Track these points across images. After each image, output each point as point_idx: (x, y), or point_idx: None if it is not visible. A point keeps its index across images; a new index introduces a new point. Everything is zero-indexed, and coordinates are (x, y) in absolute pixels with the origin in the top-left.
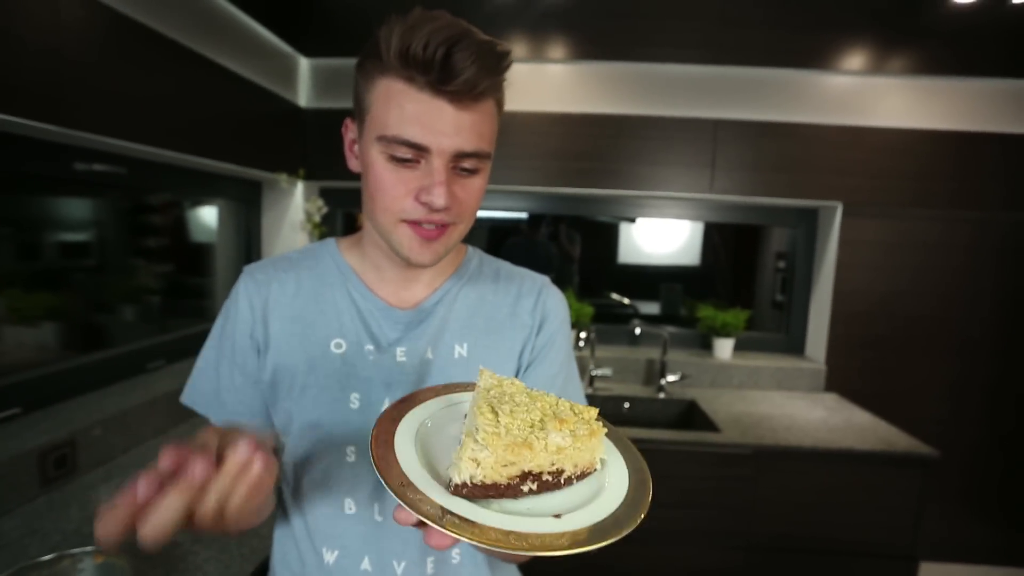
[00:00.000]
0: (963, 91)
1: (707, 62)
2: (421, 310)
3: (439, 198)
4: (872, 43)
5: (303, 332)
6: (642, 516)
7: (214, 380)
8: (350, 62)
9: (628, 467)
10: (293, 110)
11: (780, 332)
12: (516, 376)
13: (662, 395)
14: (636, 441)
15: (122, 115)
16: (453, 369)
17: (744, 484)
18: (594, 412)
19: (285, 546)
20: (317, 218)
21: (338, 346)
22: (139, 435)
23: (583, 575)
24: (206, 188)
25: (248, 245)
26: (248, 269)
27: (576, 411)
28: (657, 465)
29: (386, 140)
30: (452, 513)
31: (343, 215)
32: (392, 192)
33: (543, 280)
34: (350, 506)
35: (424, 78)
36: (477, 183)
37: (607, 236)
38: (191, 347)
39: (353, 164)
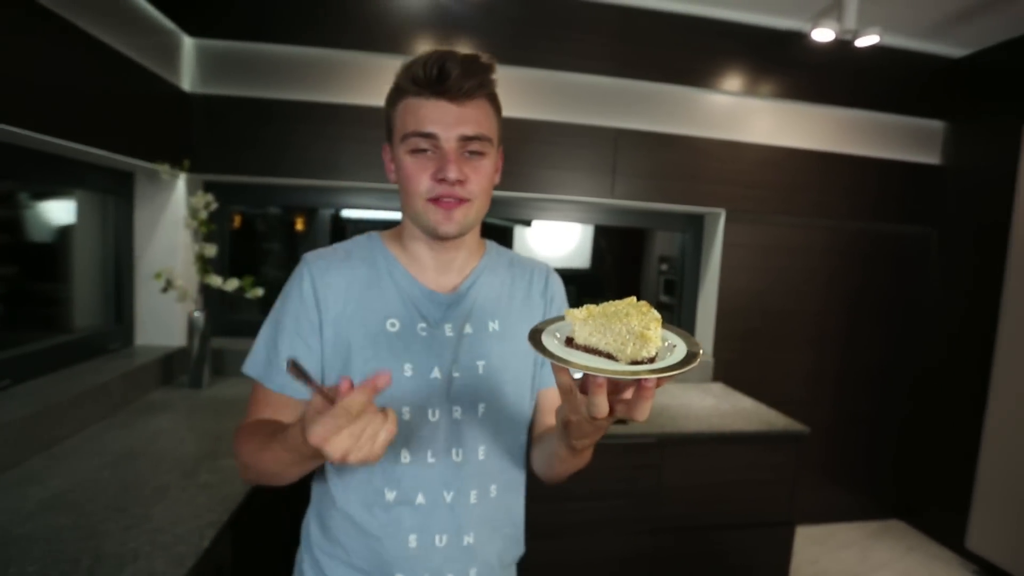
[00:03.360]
0: (819, 116)
1: (610, 74)
2: (458, 293)
3: (452, 172)
4: (746, 69)
5: (362, 314)
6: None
7: (271, 352)
8: (242, 46)
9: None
10: (175, 94)
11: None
12: None
13: None
14: None
15: None
16: (489, 340)
17: (650, 471)
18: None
19: (340, 493)
20: (204, 215)
21: (392, 325)
22: None
23: None
24: (60, 176)
25: (117, 244)
26: (309, 257)
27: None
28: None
29: (407, 137)
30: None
31: (231, 212)
32: (416, 177)
33: (547, 267)
34: (405, 456)
35: (429, 90)
36: (485, 164)
37: (500, 239)
38: (47, 364)
39: (392, 177)
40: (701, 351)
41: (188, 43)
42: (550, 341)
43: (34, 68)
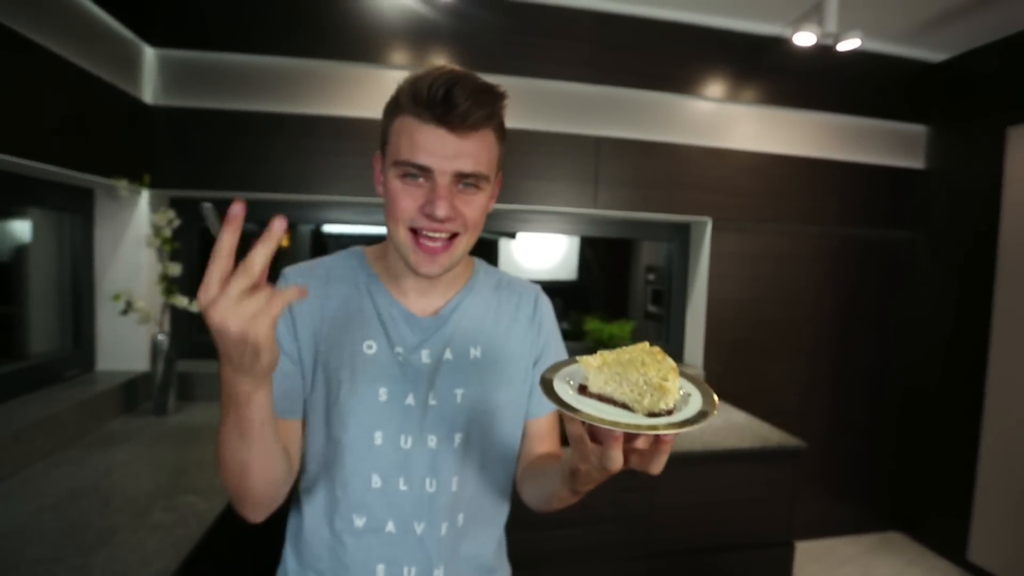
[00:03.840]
0: (803, 122)
1: (589, 81)
2: (440, 317)
3: (440, 210)
4: (728, 75)
5: (340, 334)
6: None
7: None
8: (209, 56)
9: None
10: (136, 107)
11: (660, 341)
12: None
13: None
14: None
15: None
16: (470, 367)
17: (641, 493)
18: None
19: (312, 518)
20: (168, 232)
21: (369, 347)
22: None
23: None
24: (13, 195)
25: (75, 264)
26: (288, 273)
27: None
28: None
29: (400, 164)
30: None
31: (199, 230)
32: (402, 204)
33: (536, 290)
34: (376, 480)
35: (430, 113)
36: (479, 198)
37: (486, 253)
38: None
39: (379, 190)
40: (717, 401)
41: (150, 53)
42: (563, 389)
43: None
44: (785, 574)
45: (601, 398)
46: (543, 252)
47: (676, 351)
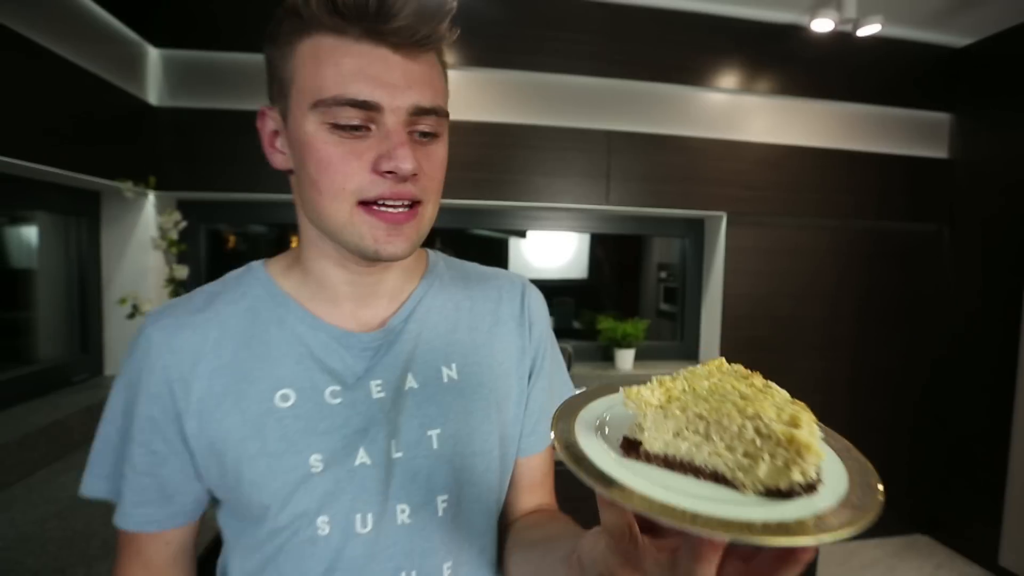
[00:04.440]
0: (820, 112)
1: (599, 74)
2: (390, 330)
3: (405, 160)
4: (742, 65)
5: (237, 389)
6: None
7: (117, 464)
8: (214, 56)
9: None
10: (141, 108)
11: (674, 340)
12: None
13: None
14: None
15: None
16: (444, 396)
17: None
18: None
19: None
20: (174, 234)
21: (285, 398)
22: None
23: None
24: (19, 199)
25: (82, 268)
26: (153, 316)
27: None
28: (565, 486)
29: (325, 105)
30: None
31: (206, 231)
32: (343, 168)
33: (523, 280)
34: None
35: (358, 26)
36: (441, 151)
37: (496, 252)
38: (2, 399)
39: (278, 160)
40: (872, 471)
41: (154, 54)
42: (596, 448)
43: None
44: None
45: (671, 463)
46: (553, 251)
47: (691, 349)
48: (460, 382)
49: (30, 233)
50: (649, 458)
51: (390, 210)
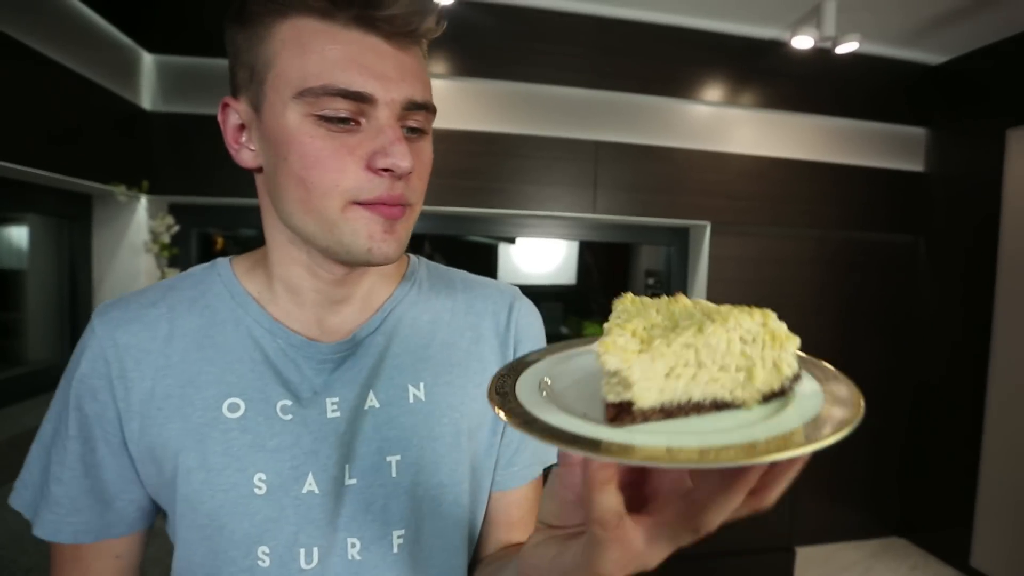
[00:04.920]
0: (803, 125)
1: (588, 86)
2: (354, 341)
3: (403, 158)
4: (727, 78)
5: (182, 392)
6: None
7: (46, 470)
8: (208, 62)
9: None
10: (134, 112)
11: None
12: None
13: None
14: None
15: None
16: (408, 419)
17: None
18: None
19: None
20: (166, 238)
21: (233, 408)
22: None
23: None
24: (11, 202)
25: (73, 271)
26: (101, 308)
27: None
28: None
29: (312, 95)
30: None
31: (198, 235)
32: (335, 164)
33: (512, 292)
34: None
35: (347, 12)
36: (428, 149)
37: (485, 257)
38: None
39: (246, 157)
40: (856, 391)
41: (148, 59)
42: (561, 418)
43: None
44: None
45: (669, 411)
46: (542, 257)
47: None
48: (428, 404)
49: (20, 234)
50: (646, 416)
51: (386, 208)
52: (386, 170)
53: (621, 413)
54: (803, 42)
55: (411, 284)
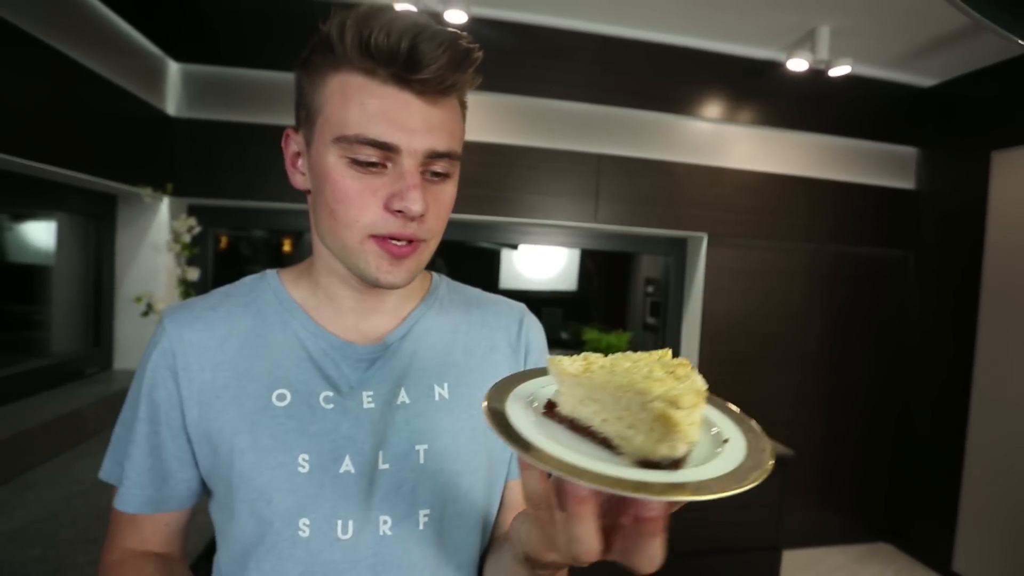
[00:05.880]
0: (798, 143)
1: (592, 101)
2: (386, 345)
3: (415, 203)
4: (725, 97)
5: (237, 384)
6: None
7: (122, 456)
8: (227, 71)
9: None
10: (160, 118)
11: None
12: None
13: None
14: None
15: None
16: (435, 414)
17: None
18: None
19: None
20: (187, 238)
21: (281, 397)
22: None
23: None
24: (41, 199)
25: (99, 267)
26: (170, 310)
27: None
28: None
29: (347, 141)
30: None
31: (214, 236)
32: (358, 201)
33: (520, 308)
34: None
35: (388, 70)
36: (449, 191)
37: (488, 262)
38: (20, 389)
39: (298, 181)
40: (771, 452)
41: (174, 68)
42: (517, 409)
43: (15, 93)
44: None
45: (575, 426)
46: (544, 263)
47: None
48: (451, 401)
49: (48, 231)
50: (561, 419)
51: (395, 245)
52: (399, 211)
53: (550, 409)
54: (798, 64)
55: (434, 298)
